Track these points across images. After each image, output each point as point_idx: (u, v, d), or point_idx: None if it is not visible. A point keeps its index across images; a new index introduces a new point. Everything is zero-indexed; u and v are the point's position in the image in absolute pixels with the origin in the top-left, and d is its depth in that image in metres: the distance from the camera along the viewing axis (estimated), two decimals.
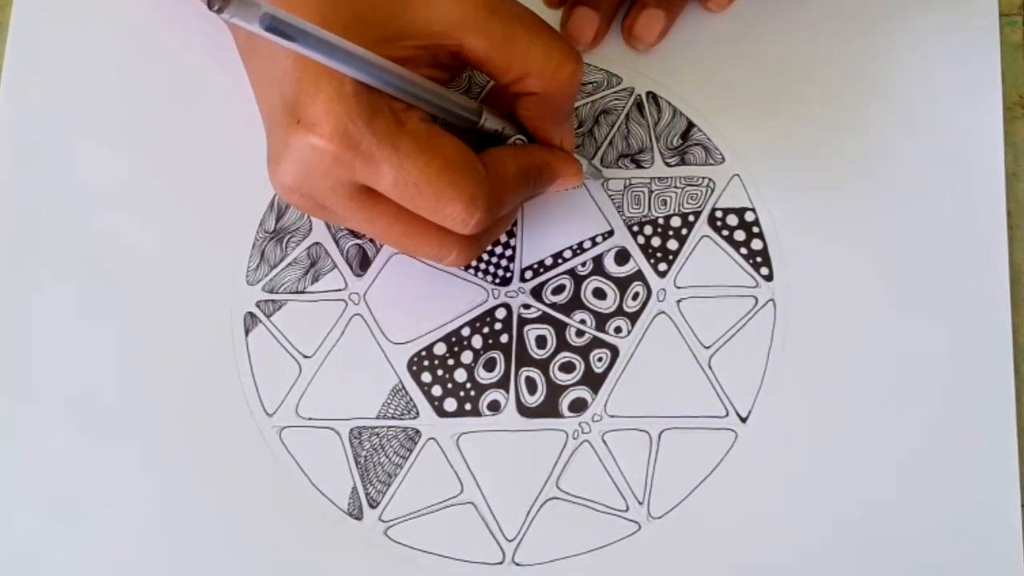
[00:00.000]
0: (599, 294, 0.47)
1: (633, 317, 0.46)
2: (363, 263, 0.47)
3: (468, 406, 0.46)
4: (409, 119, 0.39)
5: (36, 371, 0.46)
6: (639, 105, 0.48)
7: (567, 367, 0.46)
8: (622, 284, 0.47)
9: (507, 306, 0.47)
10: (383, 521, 0.45)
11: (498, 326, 0.46)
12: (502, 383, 0.46)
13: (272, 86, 0.39)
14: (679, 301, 0.46)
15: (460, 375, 0.46)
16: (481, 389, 0.46)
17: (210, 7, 0.30)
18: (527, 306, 0.47)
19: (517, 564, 0.44)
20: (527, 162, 0.42)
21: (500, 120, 0.42)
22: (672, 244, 0.47)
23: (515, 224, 0.47)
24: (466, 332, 0.46)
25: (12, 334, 0.47)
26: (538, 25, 0.40)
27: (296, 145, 0.38)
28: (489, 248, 0.47)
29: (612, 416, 0.45)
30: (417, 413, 0.46)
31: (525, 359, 0.46)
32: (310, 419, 0.46)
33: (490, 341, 0.46)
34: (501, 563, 0.44)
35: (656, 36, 0.48)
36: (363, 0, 0.39)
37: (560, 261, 0.47)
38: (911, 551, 0.44)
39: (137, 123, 0.48)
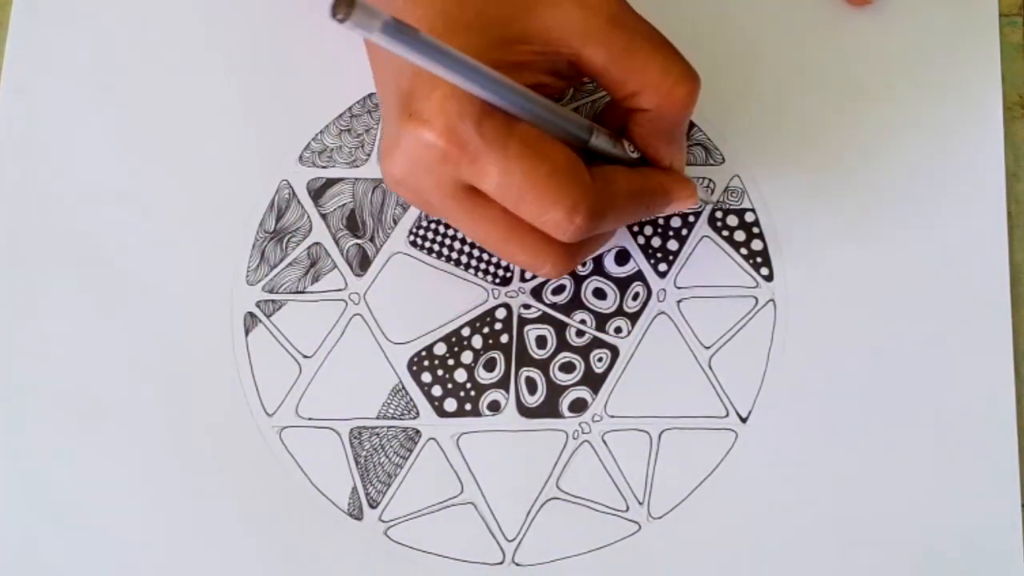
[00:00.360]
0: (599, 294, 0.47)
1: (633, 317, 0.46)
2: (363, 263, 0.47)
3: (468, 406, 0.46)
4: (520, 123, 0.39)
5: (36, 371, 0.46)
6: None
7: (567, 367, 0.46)
8: (622, 284, 0.47)
9: (507, 306, 0.47)
10: (383, 521, 0.45)
11: (498, 326, 0.46)
12: (502, 383, 0.46)
13: (391, 78, 0.40)
14: (679, 301, 0.46)
15: (460, 375, 0.46)
16: (481, 389, 0.46)
17: (333, 16, 0.30)
18: (527, 306, 0.47)
19: (517, 564, 0.44)
20: (640, 184, 0.42)
21: (611, 140, 0.42)
22: (672, 244, 0.47)
23: None
24: (466, 332, 0.46)
25: (12, 333, 0.46)
26: (659, 41, 0.40)
27: (407, 138, 0.38)
28: None
29: (612, 416, 0.45)
30: (417, 413, 0.46)
31: (525, 359, 0.46)
32: (310, 419, 0.46)
33: (490, 341, 0.46)
34: (501, 563, 0.44)
35: None
36: (489, 1, 0.39)
37: None
38: (911, 551, 0.44)
39: (137, 123, 0.48)
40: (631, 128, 0.42)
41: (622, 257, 0.47)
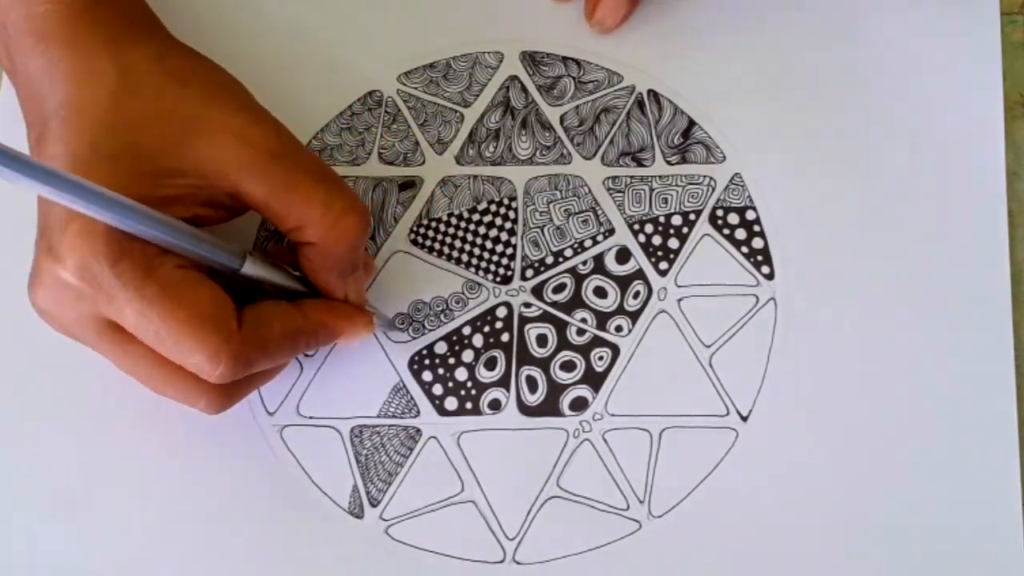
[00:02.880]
0: (600, 293, 0.47)
1: (634, 316, 0.46)
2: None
3: (469, 405, 0.46)
4: (162, 264, 0.38)
5: (36, 370, 0.46)
6: (640, 103, 0.48)
7: (568, 366, 0.46)
8: (623, 283, 0.47)
9: (508, 304, 0.47)
10: (384, 520, 0.45)
11: (499, 324, 0.46)
12: (503, 382, 0.46)
13: (40, 206, 0.39)
14: (680, 300, 0.46)
15: (461, 374, 0.46)
16: (482, 388, 0.46)
17: None
18: (528, 304, 0.47)
19: (518, 563, 0.44)
20: (299, 324, 0.41)
21: (271, 268, 0.41)
22: (673, 243, 0.47)
23: (515, 223, 0.47)
24: (467, 331, 0.46)
25: (13, 333, 0.46)
26: (323, 174, 0.40)
27: (45, 274, 0.38)
28: (490, 247, 0.47)
29: (613, 415, 0.45)
30: (418, 412, 0.46)
31: (526, 358, 0.46)
32: (311, 418, 0.46)
33: (491, 340, 0.46)
34: (502, 562, 0.44)
35: (619, 20, 0.47)
36: (138, 132, 0.38)
37: (561, 259, 0.47)
38: (912, 550, 0.44)
39: None
40: (300, 261, 0.41)
41: (623, 255, 0.47)
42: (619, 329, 0.46)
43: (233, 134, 0.38)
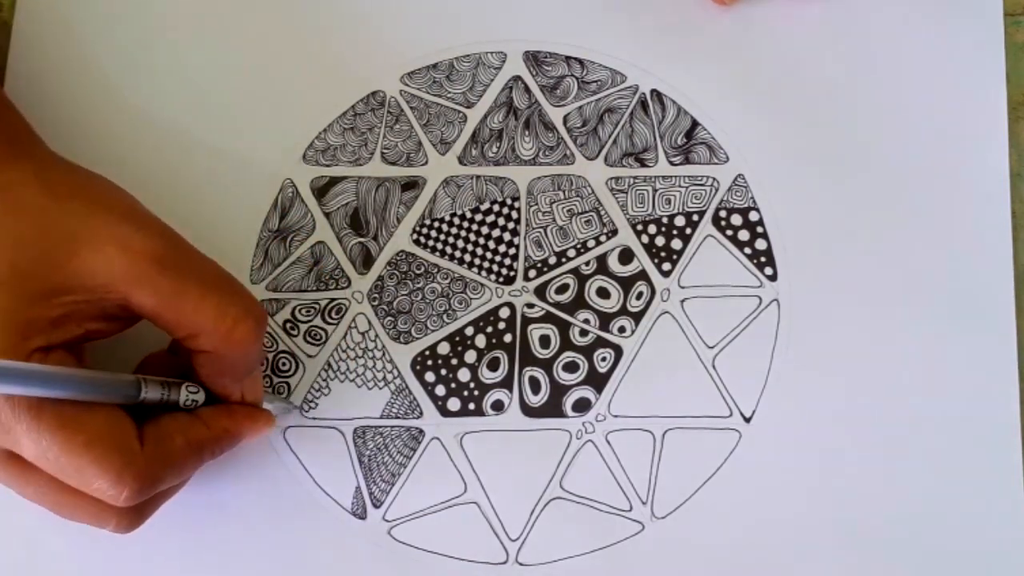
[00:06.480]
0: (603, 293, 0.47)
1: (637, 317, 0.46)
2: (366, 261, 0.47)
3: (472, 406, 0.46)
4: None
5: None
6: (643, 103, 0.48)
7: (571, 367, 0.46)
8: (626, 283, 0.47)
9: (511, 305, 0.46)
10: (387, 520, 0.45)
11: (502, 325, 0.46)
12: (506, 383, 0.46)
13: None
14: (683, 301, 0.46)
15: (464, 374, 0.46)
16: (485, 389, 0.46)
17: None
18: (531, 305, 0.46)
19: (521, 564, 0.44)
20: (201, 434, 0.40)
21: (167, 389, 0.40)
22: (676, 243, 0.47)
23: (518, 223, 0.47)
24: (470, 331, 0.46)
25: None
26: (215, 280, 0.39)
27: None
28: (492, 247, 0.47)
29: (616, 416, 0.45)
30: (421, 413, 0.46)
31: (529, 358, 0.46)
32: (314, 419, 0.46)
33: (494, 340, 0.46)
34: (505, 563, 0.44)
35: None
36: (21, 251, 0.37)
37: (564, 260, 0.47)
38: (915, 551, 0.44)
39: (140, 122, 0.48)
40: (196, 368, 0.41)
41: (626, 256, 0.47)
42: (622, 330, 0.46)
43: (117, 244, 0.37)
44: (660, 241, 0.47)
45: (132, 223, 0.38)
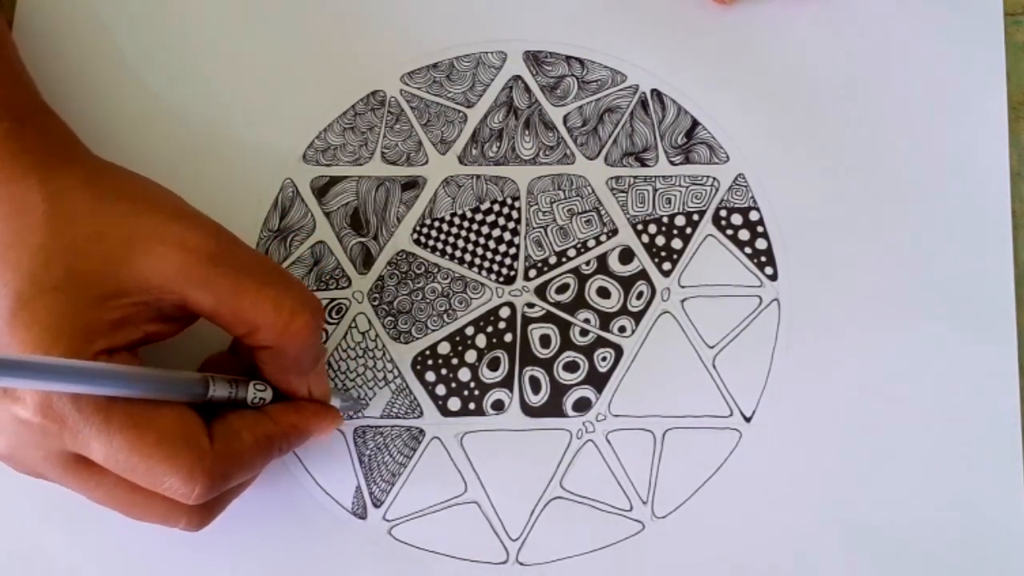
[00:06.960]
0: (603, 293, 0.47)
1: (637, 316, 0.46)
2: (367, 261, 0.47)
3: (472, 405, 0.46)
4: None
5: None
6: (644, 103, 0.48)
7: (571, 366, 0.46)
8: (626, 283, 0.47)
9: (511, 305, 0.46)
10: (387, 520, 0.45)
11: (502, 325, 0.46)
12: (506, 382, 0.46)
13: None
14: (683, 300, 0.46)
15: (464, 374, 0.46)
16: (485, 388, 0.46)
17: None
18: (531, 305, 0.46)
19: (521, 563, 0.44)
20: (269, 430, 0.40)
21: (234, 387, 0.40)
22: (676, 243, 0.47)
23: (519, 223, 0.47)
24: (470, 331, 0.46)
25: None
26: (269, 274, 0.39)
27: (2, 415, 0.37)
28: (493, 247, 0.47)
29: (616, 416, 0.45)
30: (421, 412, 0.46)
31: (529, 358, 0.46)
32: None
33: (494, 340, 0.46)
34: (505, 562, 0.44)
35: None
36: (78, 256, 0.37)
37: (564, 260, 0.47)
38: (915, 551, 0.44)
39: (140, 121, 0.48)
40: (259, 366, 0.41)
41: (626, 256, 0.47)
42: (622, 330, 0.46)
43: (170, 243, 0.38)
44: (660, 241, 0.47)
45: (182, 222, 0.39)
